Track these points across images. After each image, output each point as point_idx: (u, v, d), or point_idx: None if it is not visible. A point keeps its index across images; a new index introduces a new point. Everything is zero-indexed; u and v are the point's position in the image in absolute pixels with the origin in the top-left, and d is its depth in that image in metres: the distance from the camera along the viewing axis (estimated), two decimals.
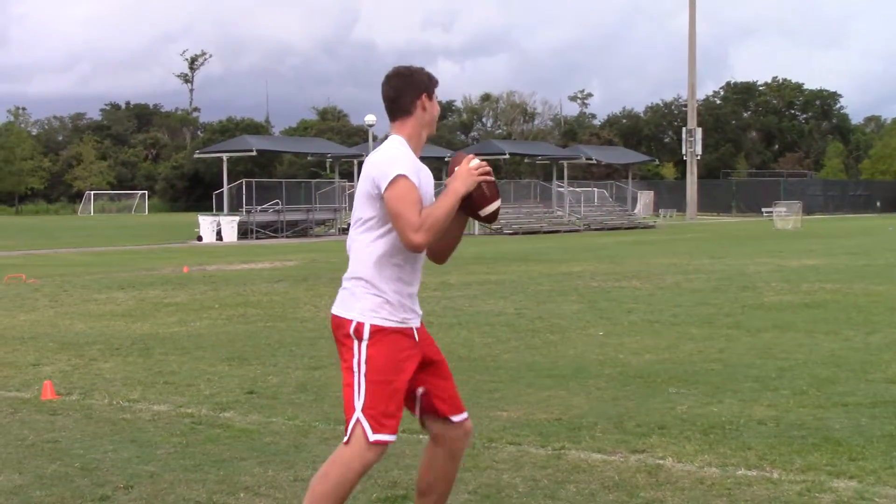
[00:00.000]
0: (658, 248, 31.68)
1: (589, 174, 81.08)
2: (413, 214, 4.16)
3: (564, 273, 21.24)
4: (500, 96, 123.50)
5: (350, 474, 4.27)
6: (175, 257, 29.04)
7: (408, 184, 4.20)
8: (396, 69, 4.49)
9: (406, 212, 4.16)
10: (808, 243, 33.41)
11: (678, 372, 9.33)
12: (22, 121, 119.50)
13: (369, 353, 4.28)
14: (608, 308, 14.60)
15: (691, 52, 71.64)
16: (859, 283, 17.97)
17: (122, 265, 25.51)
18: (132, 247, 35.96)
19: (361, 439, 4.23)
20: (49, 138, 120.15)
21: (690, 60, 71.86)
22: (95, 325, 13.35)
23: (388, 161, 4.26)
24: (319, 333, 12.22)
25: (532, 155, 61.19)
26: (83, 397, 8.55)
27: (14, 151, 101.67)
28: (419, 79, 4.42)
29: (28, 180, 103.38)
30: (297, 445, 6.80)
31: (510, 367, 9.75)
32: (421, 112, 4.41)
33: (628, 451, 6.53)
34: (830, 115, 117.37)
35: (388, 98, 4.44)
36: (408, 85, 4.41)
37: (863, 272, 20.41)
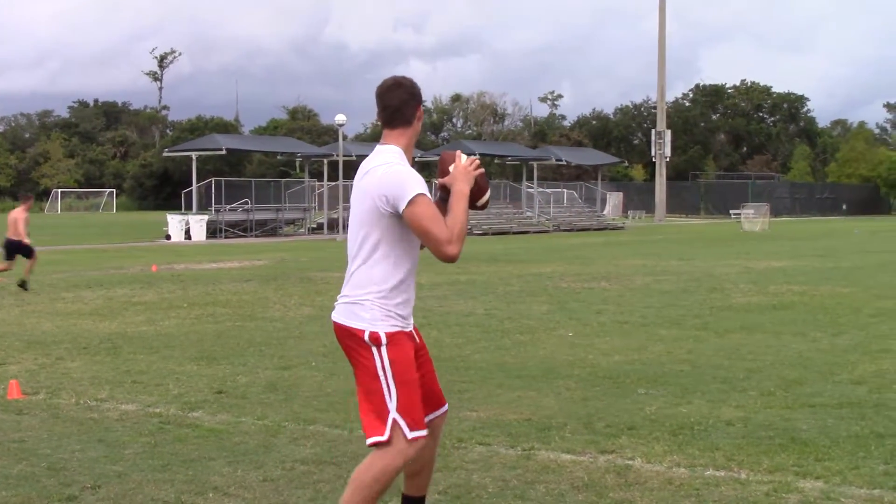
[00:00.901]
0: (627, 250, 31.80)
1: (559, 175, 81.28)
2: (442, 230, 4.34)
3: (534, 274, 21.28)
4: (471, 97, 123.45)
5: (390, 471, 4.44)
6: (143, 256, 28.86)
7: (426, 200, 4.35)
8: (399, 80, 4.59)
9: (434, 228, 4.33)
10: (776, 245, 33.66)
11: (647, 373, 9.37)
12: None
13: (392, 357, 4.42)
14: (578, 309, 14.64)
15: (661, 54, 71.99)
16: (826, 284, 18.12)
17: (89, 264, 25.32)
18: (100, 245, 35.69)
19: (401, 438, 4.40)
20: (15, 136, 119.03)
21: (660, 63, 72.20)
22: (63, 324, 13.24)
23: (401, 181, 4.37)
24: (288, 333, 12.19)
25: (502, 156, 61.26)
26: (50, 397, 8.48)
27: None
28: (418, 90, 4.56)
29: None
30: (267, 445, 6.77)
31: (480, 368, 9.75)
32: (417, 123, 4.57)
33: (597, 452, 6.55)
34: (798, 118, 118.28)
35: (391, 107, 4.52)
36: (412, 96, 4.53)
37: (829, 274, 20.58)
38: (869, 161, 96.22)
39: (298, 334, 12.12)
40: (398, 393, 4.40)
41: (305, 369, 9.74)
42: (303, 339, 11.76)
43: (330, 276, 20.55)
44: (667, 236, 43.52)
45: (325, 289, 17.82)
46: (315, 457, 6.48)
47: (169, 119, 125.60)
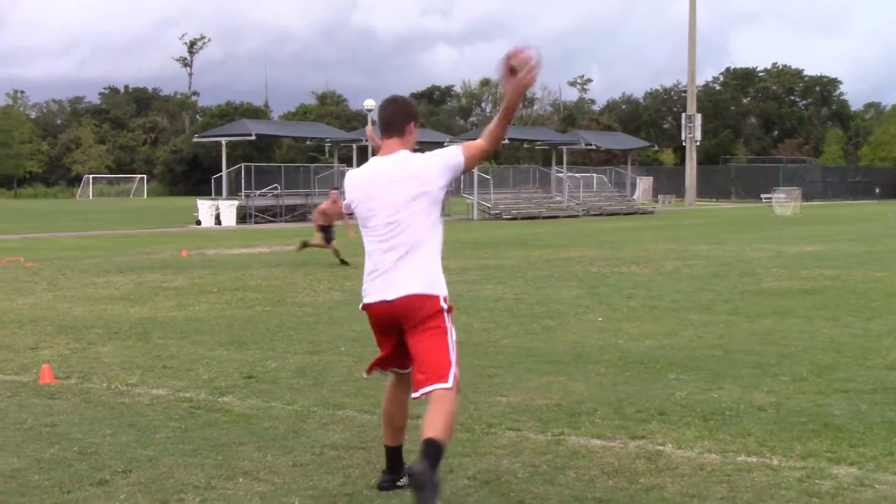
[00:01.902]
0: (657, 234, 31.64)
1: (588, 160, 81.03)
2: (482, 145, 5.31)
3: (563, 258, 21.22)
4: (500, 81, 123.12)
5: (457, 407, 5.21)
6: (174, 241, 29.00)
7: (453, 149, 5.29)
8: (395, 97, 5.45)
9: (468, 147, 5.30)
10: (807, 230, 33.39)
11: (678, 358, 9.31)
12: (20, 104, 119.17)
13: (451, 321, 5.25)
14: (607, 294, 14.58)
15: (691, 37, 71.47)
16: (859, 269, 17.95)
17: (120, 249, 25.47)
18: (131, 231, 35.91)
19: (456, 384, 5.15)
20: (48, 122, 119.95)
21: (690, 46, 71.70)
22: (94, 309, 13.32)
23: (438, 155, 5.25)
24: (318, 318, 12.20)
25: (531, 140, 61.09)
26: (81, 381, 8.53)
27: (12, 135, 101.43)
28: (412, 109, 5.41)
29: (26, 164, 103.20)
30: (296, 430, 6.78)
31: (509, 353, 9.72)
32: (410, 136, 5.34)
33: (628, 437, 6.52)
34: (830, 101, 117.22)
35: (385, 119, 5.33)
36: (404, 112, 5.34)
37: (862, 258, 20.39)
38: None
39: (328, 319, 12.13)
40: (456, 351, 5.21)
41: (335, 354, 9.74)
42: (332, 323, 11.77)
43: (358, 262, 20.55)
44: (697, 221, 43.27)
45: (354, 274, 17.84)
46: (344, 441, 6.48)
47: (199, 105, 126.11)
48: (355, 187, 5.34)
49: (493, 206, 48.55)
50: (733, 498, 5.34)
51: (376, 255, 5.25)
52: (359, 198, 5.31)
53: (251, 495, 5.45)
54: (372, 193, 5.24)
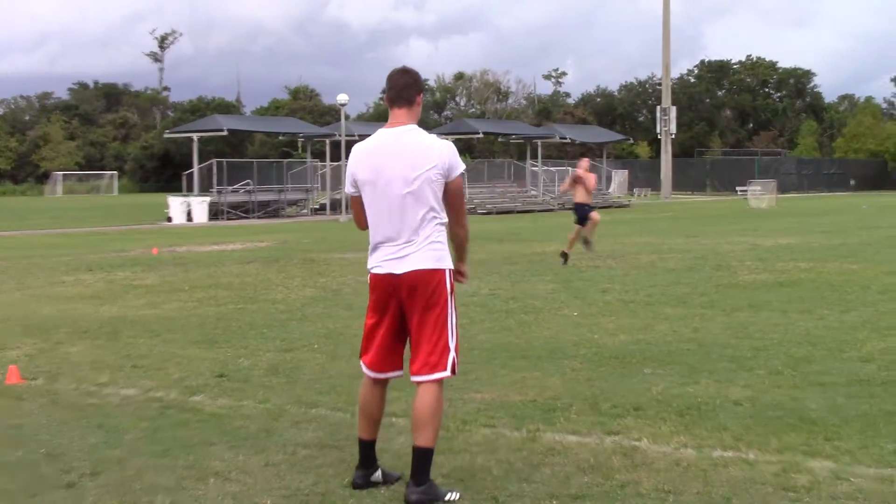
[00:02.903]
0: (633, 228, 31.72)
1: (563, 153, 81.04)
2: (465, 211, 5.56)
3: (539, 253, 21.23)
4: (474, 75, 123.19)
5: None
6: (145, 239, 28.84)
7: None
8: (406, 68, 5.45)
9: (464, 207, 5.53)
10: (783, 222, 33.57)
11: (653, 352, 9.32)
12: None
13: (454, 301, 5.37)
14: (583, 288, 14.59)
15: (665, 30, 71.68)
16: (834, 261, 18.05)
17: (90, 247, 25.29)
18: (101, 228, 35.67)
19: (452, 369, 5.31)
20: (15, 118, 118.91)
21: (665, 39, 71.90)
22: (63, 308, 13.21)
23: (454, 153, 5.33)
24: (291, 315, 12.14)
25: (506, 134, 61.10)
26: (49, 382, 8.45)
27: None
28: (421, 81, 5.46)
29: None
30: (268, 429, 6.73)
31: (484, 349, 9.70)
32: (417, 107, 5.40)
33: (603, 433, 6.51)
34: (804, 93, 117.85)
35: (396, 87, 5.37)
36: (415, 82, 5.40)
37: (837, 251, 20.51)
38: (877, 136, 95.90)
39: (301, 316, 12.07)
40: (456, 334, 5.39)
41: (308, 352, 9.70)
42: (305, 321, 11.71)
43: (332, 258, 20.51)
44: (672, 214, 43.42)
45: (328, 270, 17.79)
46: (317, 441, 6.44)
47: (170, 100, 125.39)
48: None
49: (467, 201, 48.53)
50: (709, 493, 5.34)
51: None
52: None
53: (223, 496, 5.41)
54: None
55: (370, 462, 5.55)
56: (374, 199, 5.33)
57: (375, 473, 5.54)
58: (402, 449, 6.16)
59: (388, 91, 5.38)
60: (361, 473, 5.53)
